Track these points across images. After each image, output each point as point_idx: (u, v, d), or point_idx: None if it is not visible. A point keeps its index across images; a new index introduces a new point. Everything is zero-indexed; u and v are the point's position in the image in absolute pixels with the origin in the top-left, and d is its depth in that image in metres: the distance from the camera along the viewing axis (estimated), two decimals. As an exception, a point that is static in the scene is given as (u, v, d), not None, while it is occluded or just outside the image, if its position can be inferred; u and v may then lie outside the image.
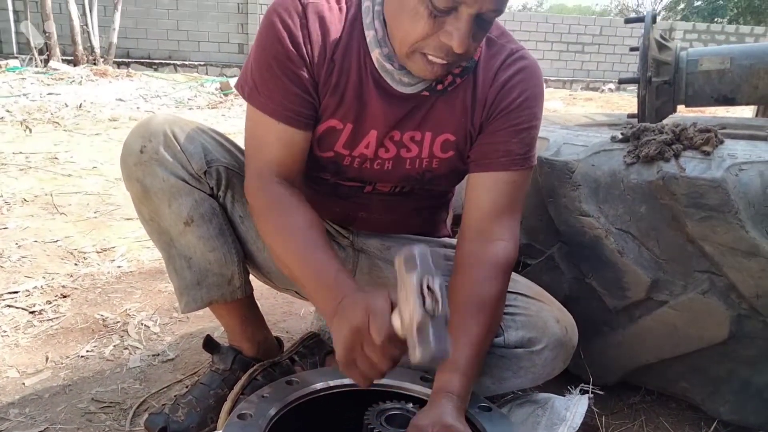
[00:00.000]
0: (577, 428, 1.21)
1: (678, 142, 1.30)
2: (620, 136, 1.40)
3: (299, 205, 1.13)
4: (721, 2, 23.57)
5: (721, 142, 1.27)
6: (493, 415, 1.07)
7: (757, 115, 2.59)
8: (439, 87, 1.15)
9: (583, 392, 1.29)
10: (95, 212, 2.99)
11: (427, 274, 0.78)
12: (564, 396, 1.30)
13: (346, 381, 1.16)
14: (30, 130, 5.08)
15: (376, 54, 1.12)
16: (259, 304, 1.49)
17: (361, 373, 0.90)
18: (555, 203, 1.44)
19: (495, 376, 1.21)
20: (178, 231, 1.25)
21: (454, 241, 1.42)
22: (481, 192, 1.19)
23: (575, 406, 1.25)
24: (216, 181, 1.26)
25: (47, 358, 1.62)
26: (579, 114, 2.37)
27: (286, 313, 1.94)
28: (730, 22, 20.71)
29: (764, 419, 1.30)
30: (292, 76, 1.12)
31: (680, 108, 2.03)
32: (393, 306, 0.85)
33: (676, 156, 1.27)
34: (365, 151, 1.20)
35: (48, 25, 9.39)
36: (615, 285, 1.38)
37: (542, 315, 1.21)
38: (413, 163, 1.22)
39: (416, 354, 0.76)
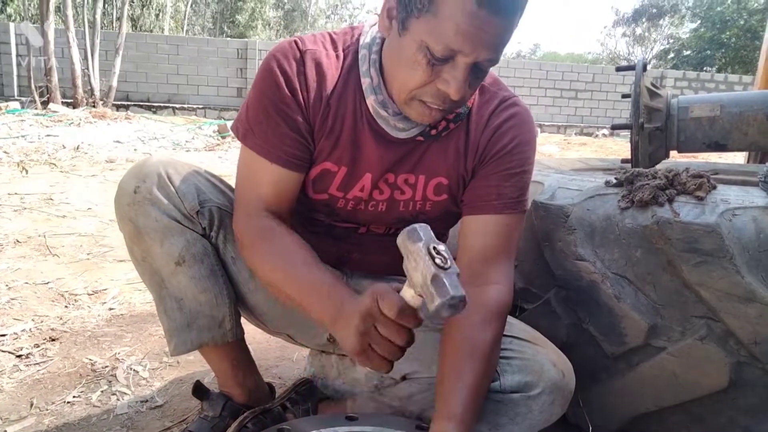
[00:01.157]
0: (577, 479, 1.17)
1: (671, 187, 1.31)
2: (614, 181, 1.41)
3: (287, 233, 1.13)
4: (708, 53, 24.29)
5: (714, 188, 1.28)
6: (490, 465, 1.03)
7: (748, 161, 2.62)
8: (433, 132, 1.17)
9: (583, 442, 1.26)
10: (88, 254, 2.97)
11: (431, 241, 0.81)
12: (563, 445, 1.27)
13: (340, 429, 1.13)
14: (26, 171, 5.10)
15: (371, 101, 1.14)
16: (251, 349, 1.46)
17: (379, 357, 0.89)
18: (551, 247, 1.44)
19: (491, 422, 1.18)
20: (169, 271, 1.23)
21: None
22: (475, 235, 1.19)
23: (574, 456, 1.21)
24: (208, 221, 1.26)
25: (32, 404, 1.58)
26: (574, 159, 2.40)
27: (279, 358, 1.91)
28: (718, 71, 21.29)
29: (768, 470, 1.26)
30: (288, 120, 1.13)
31: (673, 154, 2.06)
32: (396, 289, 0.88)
33: (670, 201, 1.28)
34: (359, 194, 1.21)
35: (50, 70, 9.56)
36: (612, 330, 1.36)
37: (538, 358, 1.19)
38: (407, 205, 1.23)
39: (435, 303, 0.78)
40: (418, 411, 1.27)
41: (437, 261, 0.80)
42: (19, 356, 1.83)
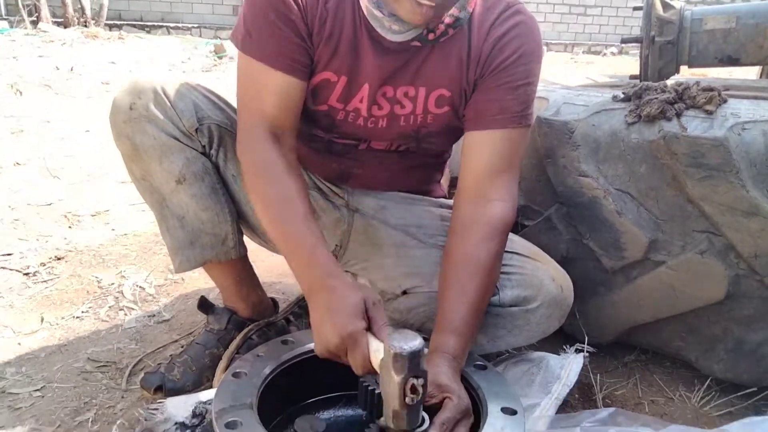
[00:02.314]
0: (572, 386, 1.22)
1: (680, 101, 1.27)
2: (622, 96, 1.37)
3: (286, 173, 1.10)
4: (725, -36, 23.10)
5: (725, 101, 1.25)
6: (489, 373, 1.07)
7: (761, 76, 2.54)
8: (431, 36, 1.12)
9: (578, 351, 1.30)
10: (89, 175, 2.95)
11: (412, 378, 0.81)
12: (559, 355, 1.31)
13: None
14: (21, 93, 5.00)
15: (365, 1, 1.09)
16: (254, 266, 1.48)
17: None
18: (553, 164, 1.42)
19: (489, 334, 1.21)
20: (170, 189, 1.23)
21: (450, 201, 1.40)
22: (477, 151, 1.17)
23: (570, 364, 1.25)
24: (208, 139, 1.24)
25: (42, 319, 1.62)
26: (580, 76, 2.34)
27: (282, 275, 1.94)
28: (734, -15, 20.35)
29: (757, 377, 1.31)
30: (288, 23, 1.09)
31: (683, 69, 1.99)
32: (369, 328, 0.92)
33: (678, 115, 1.24)
34: (359, 105, 1.17)
35: (37, -16, 9.15)
36: (612, 245, 1.37)
37: (538, 274, 1.20)
38: (407, 119, 1.20)
39: (389, 424, 0.85)
40: (418, 324, 1.30)
41: (407, 399, 0.81)
42: (26, 274, 1.86)
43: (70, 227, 2.28)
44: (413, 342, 0.80)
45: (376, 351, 0.88)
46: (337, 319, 0.92)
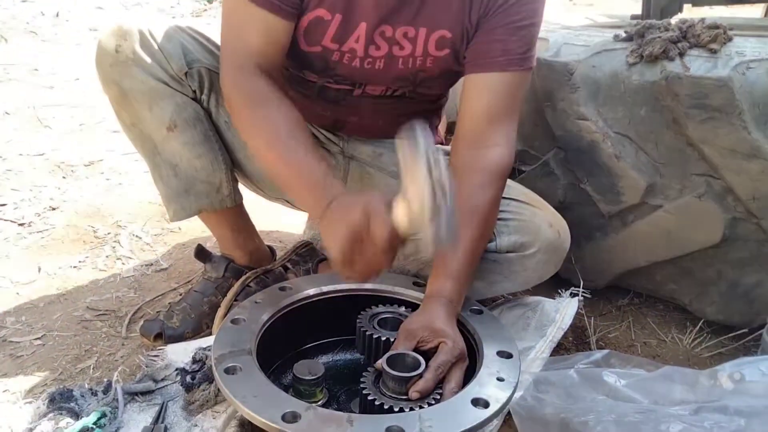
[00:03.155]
0: (566, 329, 1.23)
1: (684, 39, 1.23)
2: (624, 35, 1.33)
3: (281, 101, 1.06)
4: None
5: (730, 40, 1.21)
6: (485, 317, 1.08)
7: (767, 14, 2.47)
8: None
9: (573, 295, 1.31)
10: (81, 125, 2.90)
11: (434, 167, 0.75)
12: (554, 299, 1.32)
13: (339, 287, 1.17)
14: (5, 40, 4.86)
15: None
16: (251, 215, 1.47)
17: (359, 272, 0.90)
18: (552, 107, 1.39)
19: (486, 279, 1.22)
20: (161, 137, 1.20)
21: (446, 147, 1.38)
22: (477, 94, 1.14)
23: (565, 308, 1.27)
24: (198, 84, 1.20)
25: (40, 269, 1.62)
26: (580, 17, 2.27)
27: (279, 223, 1.93)
28: None
29: (749, 318, 1.33)
30: None
31: (686, 8, 1.93)
32: (388, 206, 0.84)
33: (681, 54, 1.21)
34: (355, 45, 1.13)
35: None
36: (610, 190, 1.36)
37: (535, 220, 1.19)
38: (406, 62, 1.16)
39: (429, 247, 0.78)
40: (415, 269, 1.31)
41: (438, 197, 0.75)
42: (21, 225, 1.85)
43: (63, 177, 2.26)
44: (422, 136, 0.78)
45: (395, 211, 0.83)
46: (352, 205, 0.87)
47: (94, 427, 0.96)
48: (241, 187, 1.38)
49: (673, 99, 1.19)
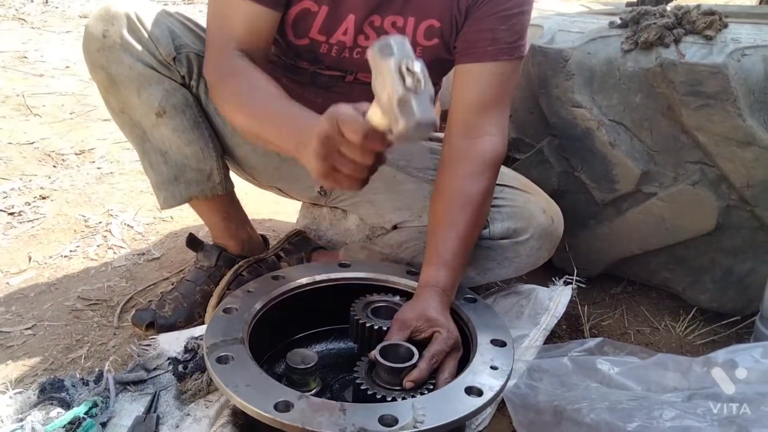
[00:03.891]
0: (560, 317, 1.23)
1: (679, 26, 1.22)
2: (619, 22, 1.32)
3: (255, 69, 1.03)
4: None
5: (725, 26, 1.20)
6: (478, 305, 1.08)
7: (761, 2, 2.47)
8: None
9: (567, 283, 1.31)
10: (71, 113, 2.87)
11: (405, 58, 0.71)
12: (548, 287, 1.32)
13: (333, 276, 1.16)
14: (-5, 27, 4.79)
15: None
16: (243, 204, 1.46)
17: (346, 178, 0.81)
18: (547, 94, 1.38)
19: (479, 267, 1.22)
20: (150, 123, 1.19)
21: (439, 134, 1.37)
22: (468, 84, 1.13)
23: (558, 296, 1.26)
24: (187, 69, 1.18)
25: (30, 258, 1.61)
26: (575, 5, 2.25)
27: (271, 212, 1.92)
28: None
29: (741, 305, 1.33)
30: None
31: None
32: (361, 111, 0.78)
33: (677, 41, 1.20)
34: (343, 38, 1.12)
35: None
36: (604, 177, 1.35)
37: (529, 206, 1.19)
38: (396, 50, 1.14)
39: (399, 124, 0.71)
40: (408, 258, 1.30)
41: (407, 82, 0.69)
42: (11, 213, 1.83)
43: (54, 166, 2.24)
44: (398, 37, 0.73)
45: (367, 113, 0.77)
46: (324, 117, 0.80)
47: (86, 416, 0.95)
48: (233, 176, 1.36)
49: (668, 86, 1.19)
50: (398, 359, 0.89)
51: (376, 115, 0.75)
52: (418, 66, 0.70)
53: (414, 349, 0.90)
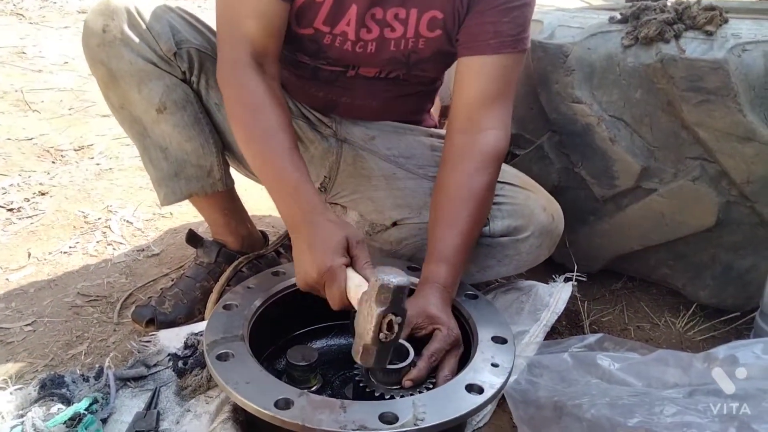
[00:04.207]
0: (560, 313, 1.23)
1: (680, 21, 1.22)
2: (619, 17, 1.32)
3: (269, 103, 1.05)
4: None
5: (726, 22, 1.20)
6: (479, 302, 1.08)
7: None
8: None
9: (567, 280, 1.31)
10: (70, 109, 2.86)
11: (393, 313, 0.79)
12: (548, 284, 1.32)
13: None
14: (-8, 23, 4.77)
15: None
16: (244, 200, 1.46)
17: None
18: (547, 90, 1.38)
19: (479, 264, 1.22)
20: (150, 119, 1.18)
21: (441, 131, 1.37)
22: (470, 78, 1.13)
23: (558, 292, 1.26)
24: (188, 65, 1.18)
25: (29, 254, 1.60)
26: (575, 0, 2.25)
27: (271, 208, 1.91)
28: None
29: (741, 302, 1.33)
30: None
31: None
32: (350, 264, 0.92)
33: (677, 36, 1.20)
34: (346, 28, 1.11)
35: None
36: (604, 174, 1.35)
37: (529, 203, 1.19)
38: (398, 44, 1.14)
39: (356, 357, 0.84)
40: (408, 254, 1.30)
41: (381, 336, 0.80)
42: (10, 210, 1.83)
43: (53, 162, 2.23)
44: (401, 277, 0.79)
45: (357, 287, 0.87)
46: (317, 254, 0.91)
47: (86, 412, 0.95)
48: (233, 172, 1.36)
49: (668, 81, 1.18)
50: (394, 358, 0.89)
51: (351, 296, 0.88)
52: (398, 321, 0.80)
53: (409, 347, 0.90)
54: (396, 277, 0.79)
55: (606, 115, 1.30)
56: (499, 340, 0.96)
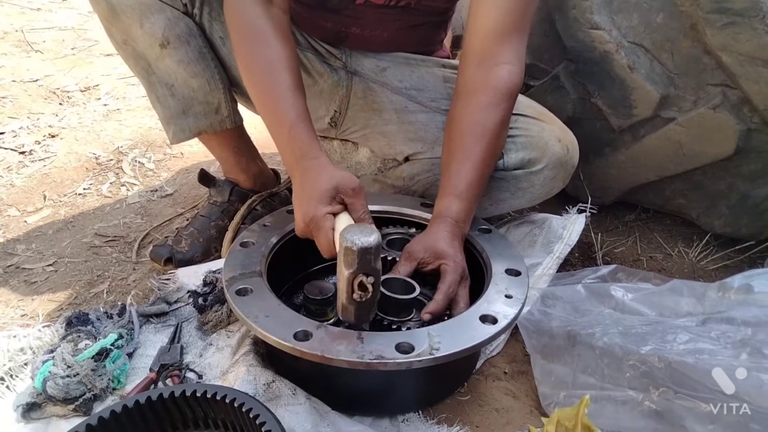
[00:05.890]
0: (573, 245, 1.23)
1: (707, -63, 1.15)
2: (641, -66, 1.24)
3: (274, 38, 1.02)
4: None
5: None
6: (493, 236, 1.08)
7: None
8: None
9: (580, 212, 1.30)
10: (73, 49, 2.81)
11: (362, 273, 0.79)
12: (561, 216, 1.31)
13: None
14: (-13, -41, 4.62)
15: None
16: (253, 138, 1.45)
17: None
18: (563, 16, 1.32)
19: (493, 198, 1.21)
20: (154, 55, 1.16)
21: (453, 61, 1.33)
22: (485, 10, 1.08)
23: (572, 224, 1.26)
24: (189, -3, 1.14)
25: (45, 197, 1.62)
26: None
27: (282, 146, 1.91)
28: None
29: (756, 230, 1.32)
30: None
31: None
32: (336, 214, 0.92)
33: (703, -46, 1.13)
34: None
35: None
36: (622, 103, 1.32)
37: (543, 135, 1.17)
38: (408, -31, 1.09)
39: (338, 313, 0.85)
40: (421, 190, 1.29)
41: (355, 296, 0.80)
42: (22, 152, 1.83)
43: (60, 104, 2.21)
44: (367, 238, 0.78)
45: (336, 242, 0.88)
46: (303, 202, 0.92)
47: (113, 348, 0.99)
48: (242, 109, 1.34)
49: (692, 3, 1.13)
50: (400, 293, 0.90)
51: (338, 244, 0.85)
52: (370, 281, 0.79)
53: (413, 282, 0.91)
54: (362, 238, 0.78)
55: (625, 42, 1.25)
56: (513, 273, 0.97)
